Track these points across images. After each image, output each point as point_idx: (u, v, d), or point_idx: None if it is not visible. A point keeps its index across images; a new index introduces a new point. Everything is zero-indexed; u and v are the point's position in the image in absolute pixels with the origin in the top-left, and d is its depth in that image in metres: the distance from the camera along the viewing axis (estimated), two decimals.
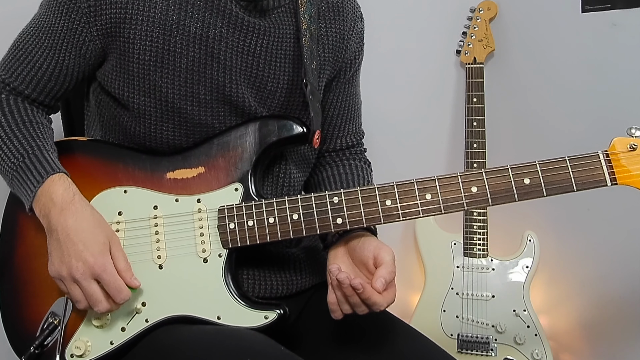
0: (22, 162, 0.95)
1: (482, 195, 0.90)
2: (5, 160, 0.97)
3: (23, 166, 0.95)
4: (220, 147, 1.00)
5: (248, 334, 0.91)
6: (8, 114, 0.99)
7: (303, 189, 1.17)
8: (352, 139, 1.19)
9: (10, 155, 0.96)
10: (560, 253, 1.62)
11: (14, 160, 0.95)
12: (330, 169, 1.16)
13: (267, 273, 1.05)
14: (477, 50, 1.63)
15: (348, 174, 1.14)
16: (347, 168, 1.15)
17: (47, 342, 0.97)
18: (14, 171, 0.95)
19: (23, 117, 1.00)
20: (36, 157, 0.95)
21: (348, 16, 1.10)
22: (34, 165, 0.94)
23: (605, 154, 0.88)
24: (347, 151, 1.19)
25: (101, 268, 0.89)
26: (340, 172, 1.15)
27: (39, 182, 0.93)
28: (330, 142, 1.18)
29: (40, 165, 0.94)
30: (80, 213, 0.92)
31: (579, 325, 1.62)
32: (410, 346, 0.97)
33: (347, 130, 1.18)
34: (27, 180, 0.94)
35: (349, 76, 1.15)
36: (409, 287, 1.77)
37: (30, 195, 0.94)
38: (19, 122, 0.99)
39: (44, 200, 0.93)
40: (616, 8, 1.47)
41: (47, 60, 0.99)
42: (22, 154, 0.95)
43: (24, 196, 0.96)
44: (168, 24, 0.95)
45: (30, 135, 0.98)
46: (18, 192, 0.97)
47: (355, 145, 1.21)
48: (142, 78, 0.97)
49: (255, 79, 1.02)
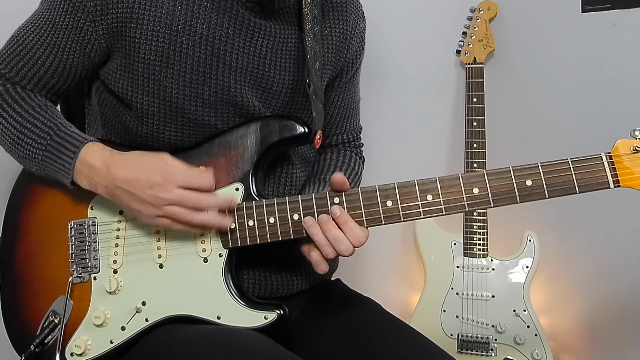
0: (51, 140, 0.95)
1: (483, 197, 0.90)
2: (30, 143, 0.97)
3: (53, 144, 0.95)
4: (221, 147, 1.00)
5: (248, 334, 0.91)
6: (19, 100, 0.99)
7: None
8: (350, 135, 1.22)
9: (35, 137, 0.96)
10: (560, 253, 1.62)
11: (41, 141, 0.96)
12: (324, 153, 1.19)
13: (268, 273, 1.06)
14: (477, 50, 1.63)
15: (338, 162, 1.16)
16: (340, 155, 1.18)
17: (47, 341, 0.97)
18: (43, 152, 0.96)
19: (34, 101, 1.00)
20: (63, 132, 0.96)
21: (351, 16, 1.11)
22: (64, 140, 0.95)
23: (609, 156, 0.87)
24: (344, 145, 1.22)
25: (172, 173, 0.90)
26: (332, 157, 1.17)
27: (74, 153, 0.94)
28: (328, 139, 1.19)
29: (69, 139, 0.95)
30: (124, 161, 0.93)
31: (579, 325, 1.62)
32: (410, 346, 0.97)
33: (345, 127, 1.20)
34: (61, 156, 0.95)
35: (350, 75, 1.15)
36: (409, 287, 1.77)
37: (69, 170, 0.94)
38: (33, 106, 0.99)
39: (87, 172, 0.94)
40: (616, 8, 1.47)
41: (49, 58, 0.99)
42: (47, 133, 0.96)
43: (61, 173, 0.96)
44: (174, 24, 0.95)
45: (48, 116, 0.98)
46: (52, 171, 0.97)
47: (353, 140, 1.23)
48: (147, 78, 0.97)
49: (262, 80, 1.02)
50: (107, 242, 0.99)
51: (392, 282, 1.82)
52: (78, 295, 0.99)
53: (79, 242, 1.00)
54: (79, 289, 0.99)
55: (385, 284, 1.81)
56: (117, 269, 0.98)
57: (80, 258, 1.00)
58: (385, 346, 0.97)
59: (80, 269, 0.99)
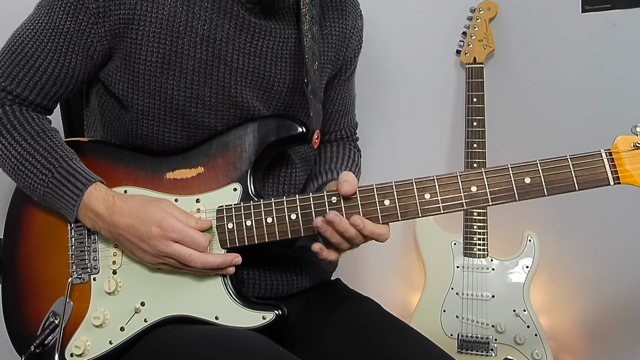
0: (52, 177, 0.95)
1: (481, 195, 0.89)
2: (31, 177, 0.96)
3: (54, 181, 0.95)
4: (219, 148, 1.00)
5: (246, 334, 0.91)
6: (19, 127, 0.98)
7: None
8: (347, 131, 1.24)
9: (36, 172, 0.96)
10: (560, 253, 1.62)
11: (42, 177, 0.96)
12: (325, 147, 1.20)
13: (267, 273, 1.06)
14: (477, 50, 1.63)
15: (340, 153, 1.18)
16: (340, 148, 1.20)
17: (47, 342, 0.97)
18: (45, 187, 0.96)
19: (35, 128, 0.99)
20: (64, 169, 0.96)
21: (349, 15, 1.11)
22: (66, 178, 0.95)
23: (608, 153, 0.86)
24: (342, 140, 1.24)
25: (169, 229, 0.91)
26: (333, 150, 1.19)
27: (78, 196, 0.95)
28: (327, 135, 1.21)
29: (73, 177, 0.95)
30: (126, 209, 0.93)
31: (579, 325, 1.62)
32: (410, 346, 0.97)
33: (343, 123, 1.22)
34: (64, 196, 0.95)
35: (349, 73, 1.17)
36: (409, 287, 1.77)
37: (72, 210, 0.95)
38: (33, 135, 0.98)
39: (91, 215, 0.95)
40: (616, 8, 1.47)
41: (52, 63, 0.98)
42: (49, 169, 0.96)
43: (64, 210, 0.97)
44: (175, 25, 0.95)
45: (50, 146, 0.97)
46: (54, 206, 0.98)
47: (350, 135, 1.25)
48: (147, 79, 0.97)
49: (262, 80, 1.02)
50: (107, 243, 1.00)
51: (392, 282, 1.82)
52: (78, 296, 0.99)
53: (79, 243, 1.00)
54: (79, 290, 0.99)
55: (385, 284, 1.81)
56: (116, 270, 0.98)
57: (80, 259, 1.00)
58: (385, 346, 0.97)
59: (80, 270, 0.99)
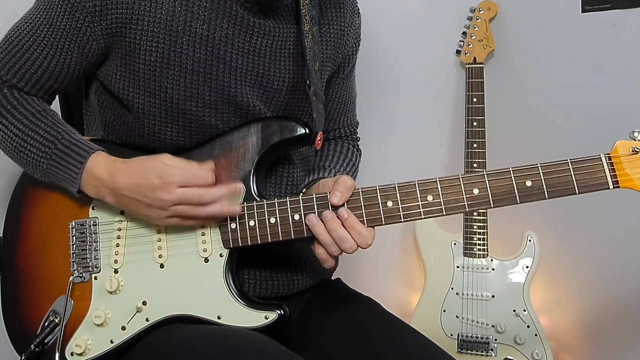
0: (55, 148, 0.96)
1: (483, 197, 0.90)
2: (34, 151, 0.97)
3: (58, 152, 0.95)
4: (222, 148, 1.00)
5: (248, 334, 0.91)
6: (19, 107, 0.99)
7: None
8: (347, 129, 1.24)
9: (38, 146, 0.96)
10: (560, 253, 1.63)
11: (46, 150, 0.96)
12: (323, 145, 1.20)
13: (269, 273, 1.06)
14: (477, 50, 1.63)
15: (336, 152, 1.18)
16: (337, 146, 1.19)
17: (47, 341, 0.97)
18: (48, 160, 0.96)
19: (35, 107, 1.00)
20: (66, 141, 0.96)
21: (347, 12, 1.12)
22: (69, 149, 0.95)
23: (608, 157, 0.88)
24: (342, 139, 1.23)
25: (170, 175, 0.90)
26: (330, 148, 1.19)
27: (81, 164, 0.94)
28: (327, 133, 1.20)
29: (74, 148, 0.95)
30: (127, 168, 0.93)
31: (579, 325, 1.62)
32: (410, 346, 0.97)
33: (343, 122, 1.22)
34: (67, 166, 0.95)
35: (347, 71, 1.17)
36: (409, 287, 1.77)
37: (75, 180, 0.95)
38: (34, 113, 0.99)
39: (94, 182, 0.94)
40: (616, 8, 1.47)
41: (47, 59, 0.98)
42: (51, 141, 0.96)
43: (67, 182, 0.96)
44: (174, 25, 0.95)
45: (51, 122, 0.98)
46: (57, 179, 0.97)
47: (350, 134, 1.25)
48: (147, 79, 0.97)
49: (262, 79, 1.02)
50: (108, 242, 0.99)
51: (392, 282, 1.82)
52: (79, 295, 0.99)
53: (80, 242, 1.00)
54: (80, 289, 0.99)
55: (385, 284, 1.81)
56: (117, 269, 0.98)
57: (81, 258, 1.00)
58: (385, 346, 0.97)
59: (81, 269, 0.99)
